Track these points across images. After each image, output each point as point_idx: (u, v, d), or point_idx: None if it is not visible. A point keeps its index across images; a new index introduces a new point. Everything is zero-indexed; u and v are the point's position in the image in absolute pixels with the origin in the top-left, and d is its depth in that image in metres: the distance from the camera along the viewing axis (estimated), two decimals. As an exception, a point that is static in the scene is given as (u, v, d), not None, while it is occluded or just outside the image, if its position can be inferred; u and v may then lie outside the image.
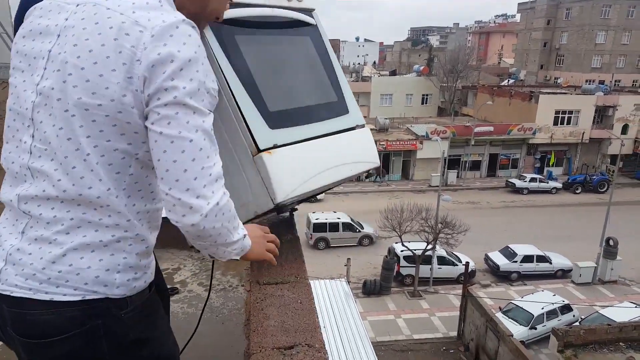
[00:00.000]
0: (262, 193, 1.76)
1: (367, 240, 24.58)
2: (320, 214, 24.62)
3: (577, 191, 34.56)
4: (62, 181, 1.04)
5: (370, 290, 20.37)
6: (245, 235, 1.25)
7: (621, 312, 17.33)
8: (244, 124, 1.70)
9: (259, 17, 1.87)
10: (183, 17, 1.06)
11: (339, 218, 24.49)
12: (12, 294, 1.05)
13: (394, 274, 21.17)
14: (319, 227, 23.79)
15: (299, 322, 1.64)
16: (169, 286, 2.68)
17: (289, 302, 1.77)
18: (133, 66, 1.00)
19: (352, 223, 24.45)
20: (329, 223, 23.83)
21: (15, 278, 1.05)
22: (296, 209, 2.61)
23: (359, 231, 24.42)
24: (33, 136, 1.06)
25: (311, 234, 23.79)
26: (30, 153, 1.07)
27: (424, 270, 20.82)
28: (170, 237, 1.77)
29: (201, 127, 1.05)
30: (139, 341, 1.15)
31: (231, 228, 1.17)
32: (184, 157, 1.03)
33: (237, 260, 1.31)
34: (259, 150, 1.72)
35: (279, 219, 2.51)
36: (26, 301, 1.04)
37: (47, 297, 1.04)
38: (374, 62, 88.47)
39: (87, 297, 1.06)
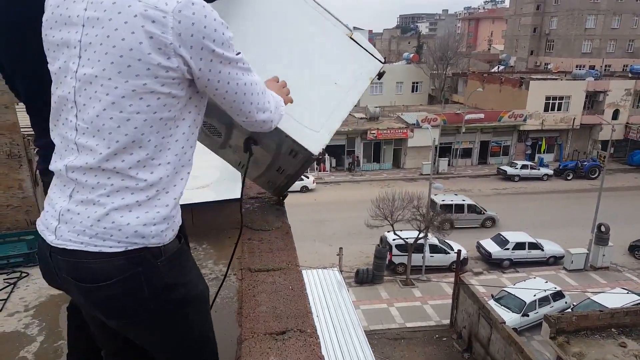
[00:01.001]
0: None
1: (490, 222, 25.48)
2: (445, 196, 26.04)
3: (569, 177, 34.58)
4: (103, 154, 1.23)
5: (362, 279, 20.31)
6: (283, 103, 1.62)
7: (613, 298, 17.33)
8: None
9: None
10: None
11: (463, 200, 25.87)
12: (67, 247, 1.27)
13: (387, 262, 21.13)
14: (445, 208, 24.59)
15: (291, 308, 1.69)
16: None
17: (281, 288, 1.82)
18: (168, 48, 1.19)
19: (476, 205, 25.73)
20: (455, 204, 24.44)
21: (68, 234, 1.27)
22: (286, 195, 2.73)
23: (483, 213, 25.43)
24: (77, 116, 1.26)
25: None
26: (76, 130, 1.26)
27: (416, 259, 20.77)
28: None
29: (242, 68, 1.36)
30: (173, 285, 1.36)
31: (281, 110, 1.58)
32: (248, 93, 1.39)
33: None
34: None
35: (270, 208, 2.63)
36: (79, 253, 1.26)
37: (96, 249, 1.25)
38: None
39: (129, 248, 1.27)
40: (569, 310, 17.49)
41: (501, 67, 55.82)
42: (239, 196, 2.32)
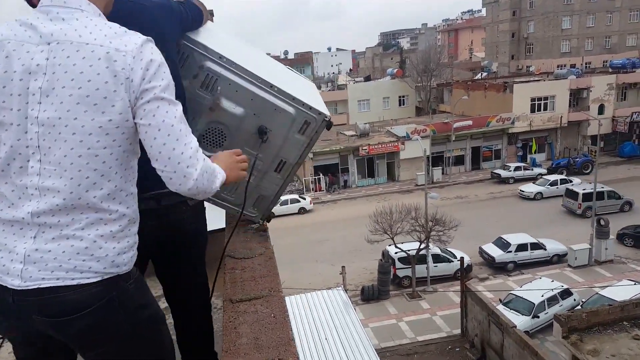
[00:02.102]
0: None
1: (628, 206, 27.03)
2: (584, 185, 28.03)
3: (562, 175, 34.76)
4: (74, 192, 1.29)
5: (368, 296, 20.09)
6: (223, 177, 1.54)
7: (621, 291, 17.18)
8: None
9: None
10: (143, 36, 1.36)
11: (602, 187, 26.44)
12: (40, 286, 1.27)
13: (391, 277, 20.96)
14: (586, 196, 25.72)
15: (272, 337, 1.67)
16: None
17: (263, 317, 1.81)
18: (128, 83, 1.29)
19: (614, 191, 27.26)
20: (597, 192, 24.50)
21: (39, 273, 1.28)
22: (272, 217, 2.76)
23: (621, 198, 27.02)
24: (40, 160, 1.28)
25: (580, 204, 26.43)
26: (39, 175, 1.28)
27: (421, 270, 20.59)
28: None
29: (177, 113, 1.37)
30: (143, 305, 1.45)
31: (214, 179, 1.47)
32: (171, 139, 1.34)
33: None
34: None
35: (253, 235, 2.63)
36: (54, 289, 1.28)
37: (74, 282, 1.29)
38: (349, 70, 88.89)
39: (105, 277, 1.33)
40: (579, 307, 17.31)
41: (484, 74, 56.56)
42: (223, 226, 2.36)
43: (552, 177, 32.04)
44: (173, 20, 1.93)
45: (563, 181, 31.14)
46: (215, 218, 3.00)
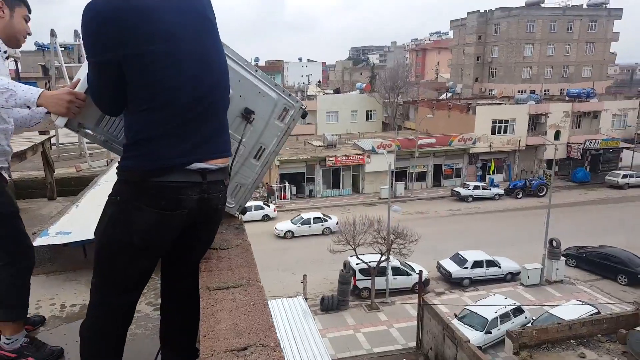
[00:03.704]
0: None
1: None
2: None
3: (519, 196, 36.05)
4: None
5: (328, 306, 20.09)
6: (27, 98, 2.02)
7: (569, 310, 17.91)
8: None
9: None
10: None
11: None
12: None
13: (351, 287, 21.04)
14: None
15: (252, 323, 1.64)
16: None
17: (241, 304, 1.77)
18: None
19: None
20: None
21: None
22: (246, 211, 2.80)
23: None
24: None
25: None
26: None
27: (380, 282, 20.82)
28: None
29: None
30: None
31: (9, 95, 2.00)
32: None
33: None
34: None
35: (228, 227, 2.60)
36: None
37: None
38: (318, 81, 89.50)
39: None
40: (529, 324, 17.90)
41: (449, 94, 58.14)
42: None
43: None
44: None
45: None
46: None
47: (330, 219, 28.94)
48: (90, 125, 2.24)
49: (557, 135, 40.01)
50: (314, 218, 28.57)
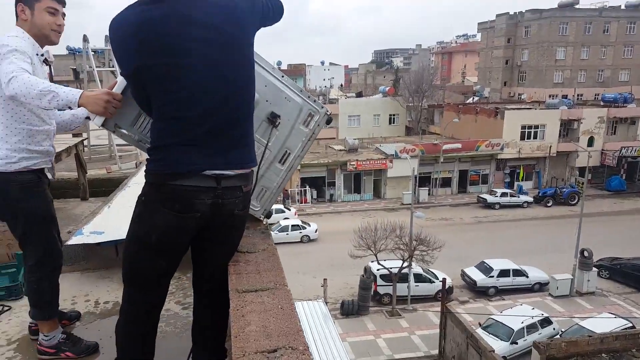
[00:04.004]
0: None
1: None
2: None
3: (548, 204, 34.87)
4: None
5: (348, 310, 19.82)
6: (69, 99, 2.12)
7: (601, 323, 17.13)
8: None
9: None
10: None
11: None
12: None
13: (372, 293, 20.68)
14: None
15: (281, 326, 1.68)
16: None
17: (270, 307, 1.82)
18: None
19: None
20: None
21: None
22: (271, 214, 2.84)
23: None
24: None
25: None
26: None
27: (402, 289, 20.41)
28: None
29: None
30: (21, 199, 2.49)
31: (31, 90, 2.09)
32: None
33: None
34: None
35: (255, 232, 2.66)
36: None
37: None
38: (340, 85, 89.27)
39: None
40: (558, 336, 17.18)
41: (476, 98, 57.02)
42: None
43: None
44: (254, 12, 2.04)
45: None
46: None
47: (310, 226, 28.50)
48: (125, 125, 2.36)
49: (590, 142, 38.57)
50: (292, 225, 28.15)
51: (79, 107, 2.16)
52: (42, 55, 2.50)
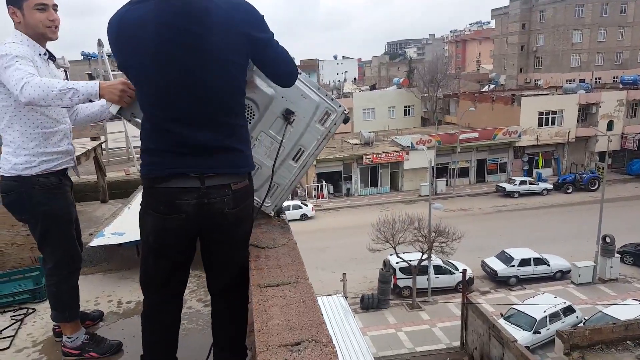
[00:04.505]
0: None
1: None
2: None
3: (569, 191, 34.43)
4: None
5: (368, 304, 19.87)
6: (89, 91, 2.19)
7: (625, 310, 16.91)
8: None
9: None
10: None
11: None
12: None
13: (391, 286, 20.72)
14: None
15: (304, 320, 1.69)
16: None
17: (292, 301, 1.83)
18: None
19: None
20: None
21: None
22: (281, 211, 2.83)
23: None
24: None
25: None
26: None
27: (422, 281, 20.40)
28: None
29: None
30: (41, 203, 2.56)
31: (48, 91, 2.11)
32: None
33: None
34: None
35: (274, 227, 2.67)
36: None
37: None
38: (354, 78, 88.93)
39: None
40: (581, 324, 17.04)
41: (491, 86, 56.29)
42: None
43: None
44: (250, 25, 1.93)
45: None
46: None
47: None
48: (140, 115, 2.33)
49: (610, 126, 37.87)
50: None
51: (100, 98, 2.21)
52: (45, 53, 2.49)
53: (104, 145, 11.72)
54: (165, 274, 2.09)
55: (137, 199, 4.64)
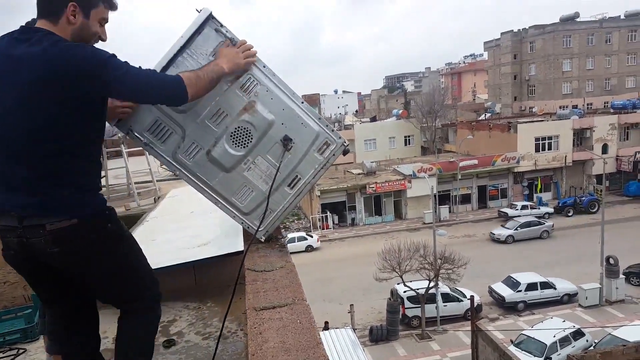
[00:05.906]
0: None
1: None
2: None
3: (569, 214, 34.79)
4: None
5: (377, 336, 19.73)
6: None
7: (634, 331, 16.89)
8: None
9: None
10: None
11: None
12: None
13: (400, 316, 20.63)
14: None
15: (300, 340, 1.65)
16: (164, 339, 3.04)
17: (288, 323, 1.80)
18: None
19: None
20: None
21: None
22: (272, 237, 2.79)
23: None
24: None
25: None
26: None
27: (430, 310, 20.32)
28: (164, 289, 2.10)
29: None
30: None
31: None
32: None
33: None
34: None
35: (272, 250, 2.65)
36: None
37: None
38: (355, 111, 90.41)
39: None
40: (592, 348, 17.04)
41: (488, 115, 57.37)
42: (241, 249, 2.64)
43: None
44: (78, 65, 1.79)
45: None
46: (231, 244, 3.09)
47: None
48: (138, 129, 2.52)
49: (604, 149, 38.61)
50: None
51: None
52: None
53: (104, 182, 11.80)
54: (43, 298, 2.11)
55: (137, 233, 4.62)
